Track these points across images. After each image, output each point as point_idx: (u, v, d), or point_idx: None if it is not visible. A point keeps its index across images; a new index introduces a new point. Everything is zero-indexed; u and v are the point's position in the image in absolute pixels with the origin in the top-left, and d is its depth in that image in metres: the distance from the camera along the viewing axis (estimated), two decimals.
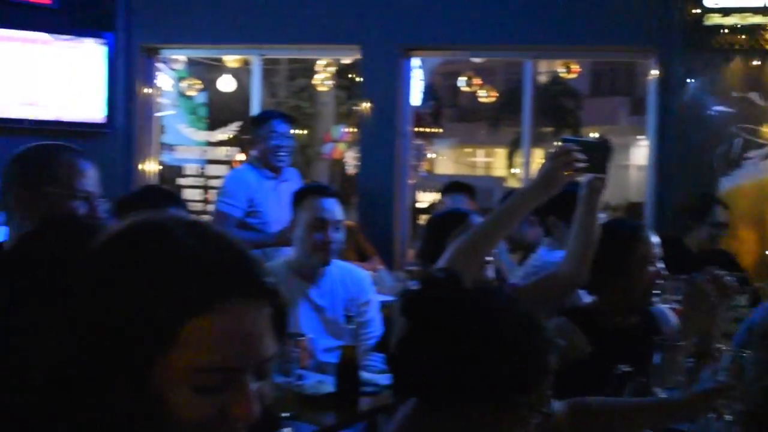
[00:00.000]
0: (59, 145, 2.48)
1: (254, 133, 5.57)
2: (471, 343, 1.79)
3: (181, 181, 8.69)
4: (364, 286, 3.81)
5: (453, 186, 6.48)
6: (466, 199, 6.15)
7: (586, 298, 3.63)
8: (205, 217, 7.52)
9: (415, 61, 8.04)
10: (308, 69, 11.62)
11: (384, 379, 3.26)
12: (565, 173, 2.69)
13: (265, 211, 5.33)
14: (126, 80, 8.01)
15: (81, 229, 1.93)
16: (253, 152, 5.56)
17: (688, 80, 6.70)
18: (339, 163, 12.99)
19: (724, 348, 2.47)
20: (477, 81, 9.72)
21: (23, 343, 1.75)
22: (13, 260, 1.93)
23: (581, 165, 2.69)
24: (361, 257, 6.06)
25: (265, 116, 5.76)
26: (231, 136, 9.13)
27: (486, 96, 10.12)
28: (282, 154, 5.45)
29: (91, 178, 2.44)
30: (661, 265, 3.05)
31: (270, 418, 1.19)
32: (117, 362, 1.07)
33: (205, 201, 8.51)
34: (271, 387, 1.16)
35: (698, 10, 6.59)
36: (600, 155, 2.80)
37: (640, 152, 8.15)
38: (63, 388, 1.10)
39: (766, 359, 1.33)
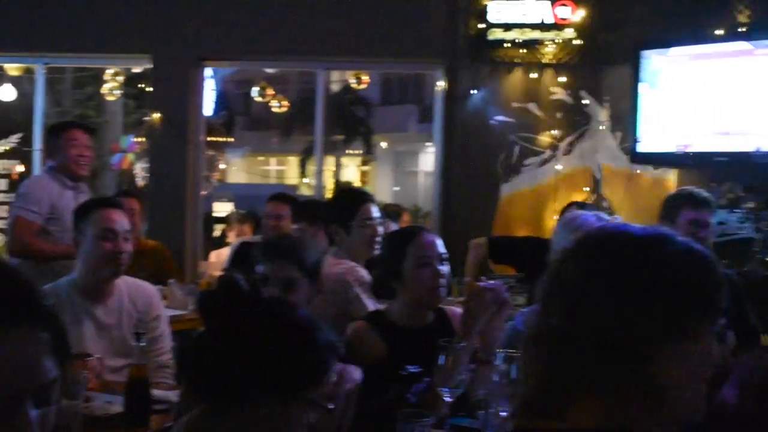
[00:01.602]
0: None
1: (52, 142, 5.43)
2: (261, 342, 1.90)
3: None
4: (152, 301, 3.73)
5: (279, 198, 6.19)
6: (289, 212, 5.88)
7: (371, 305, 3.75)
8: None
9: (207, 71, 7.96)
10: (96, 78, 11.26)
11: (176, 396, 3.21)
12: None
13: (67, 220, 5.16)
14: None
15: None
16: (51, 162, 5.40)
17: (472, 91, 7.00)
18: (128, 174, 12.66)
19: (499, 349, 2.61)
20: (270, 91, 9.72)
21: None
22: None
23: None
24: (160, 278, 5.67)
25: (64, 126, 5.62)
26: (10, 147, 8.68)
27: (278, 106, 10.15)
28: (83, 163, 5.33)
29: None
30: (443, 266, 3.18)
31: None
32: None
33: None
34: (54, 412, 1.14)
35: (482, 25, 6.91)
36: None
37: (429, 159, 8.42)
38: None
39: (528, 363, 1.42)
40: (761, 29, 5.95)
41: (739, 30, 6.10)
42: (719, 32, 6.15)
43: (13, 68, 8.68)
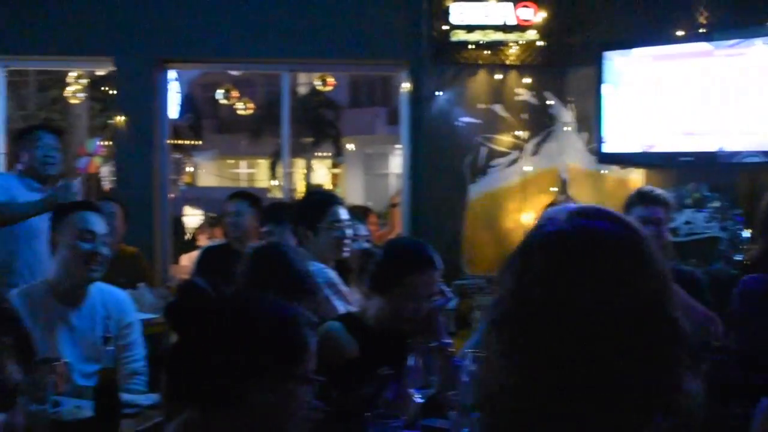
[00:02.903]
0: None
1: (18, 145, 5.41)
2: (233, 336, 1.92)
3: None
4: (125, 308, 3.71)
5: (238, 195, 6.22)
6: (250, 209, 5.88)
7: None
8: None
9: (172, 74, 7.93)
10: (60, 81, 11.17)
11: (146, 400, 3.21)
12: None
13: (34, 222, 5.13)
14: None
15: None
16: (18, 165, 5.36)
17: (437, 92, 7.02)
18: (95, 178, 12.54)
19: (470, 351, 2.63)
20: (235, 93, 9.69)
21: None
22: None
23: None
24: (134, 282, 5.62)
25: (31, 128, 5.63)
26: None
27: (244, 108, 10.12)
28: (50, 164, 5.29)
29: None
30: (432, 301, 3.22)
31: None
32: None
33: None
34: (22, 416, 1.14)
35: (445, 27, 6.93)
36: None
37: (398, 161, 8.44)
38: None
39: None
40: (720, 30, 6.03)
41: (700, 31, 6.17)
42: (680, 33, 6.22)
43: None
